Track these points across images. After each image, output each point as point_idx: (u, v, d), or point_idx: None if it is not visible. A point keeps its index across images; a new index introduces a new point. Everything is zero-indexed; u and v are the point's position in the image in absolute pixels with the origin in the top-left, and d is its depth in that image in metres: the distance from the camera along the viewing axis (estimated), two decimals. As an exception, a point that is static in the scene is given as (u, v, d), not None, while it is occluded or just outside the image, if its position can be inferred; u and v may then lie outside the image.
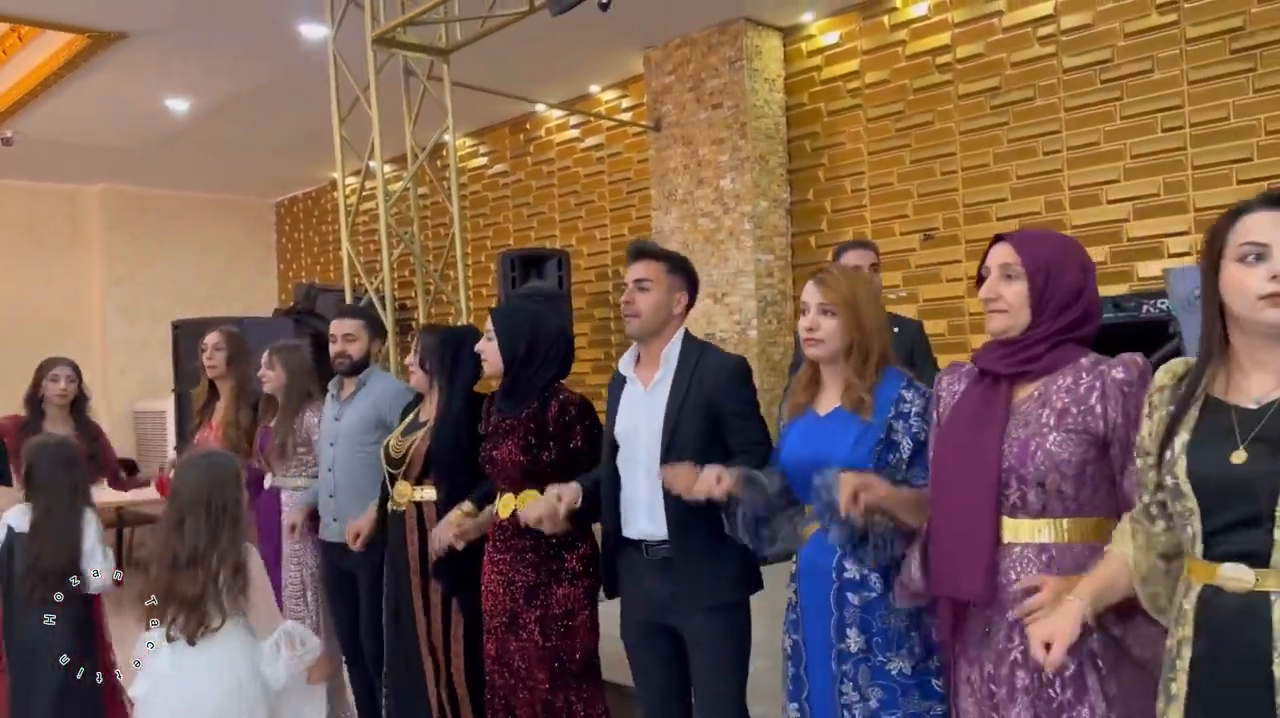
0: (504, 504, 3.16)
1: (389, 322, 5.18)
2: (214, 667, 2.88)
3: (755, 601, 2.87)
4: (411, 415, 3.67)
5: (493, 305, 8.14)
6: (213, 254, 11.21)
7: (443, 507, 3.39)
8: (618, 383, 3.01)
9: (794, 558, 2.54)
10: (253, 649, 2.93)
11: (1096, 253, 5.58)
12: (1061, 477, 1.96)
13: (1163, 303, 3.88)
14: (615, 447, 2.94)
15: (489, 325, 3.25)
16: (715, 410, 2.75)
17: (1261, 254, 1.59)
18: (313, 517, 3.94)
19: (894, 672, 2.32)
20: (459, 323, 5.59)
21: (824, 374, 2.52)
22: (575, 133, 8.45)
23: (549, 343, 3.25)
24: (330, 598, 3.95)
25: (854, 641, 2.36)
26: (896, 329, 4.15)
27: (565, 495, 2.93)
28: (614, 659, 3.27)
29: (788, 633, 2.52)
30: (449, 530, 3.27)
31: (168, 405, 7.91)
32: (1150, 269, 5.40)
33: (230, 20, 6.26)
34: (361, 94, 5.34)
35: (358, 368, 3.91)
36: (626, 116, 7.88)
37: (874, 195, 6.55)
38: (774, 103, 6.85)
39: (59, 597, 3.49)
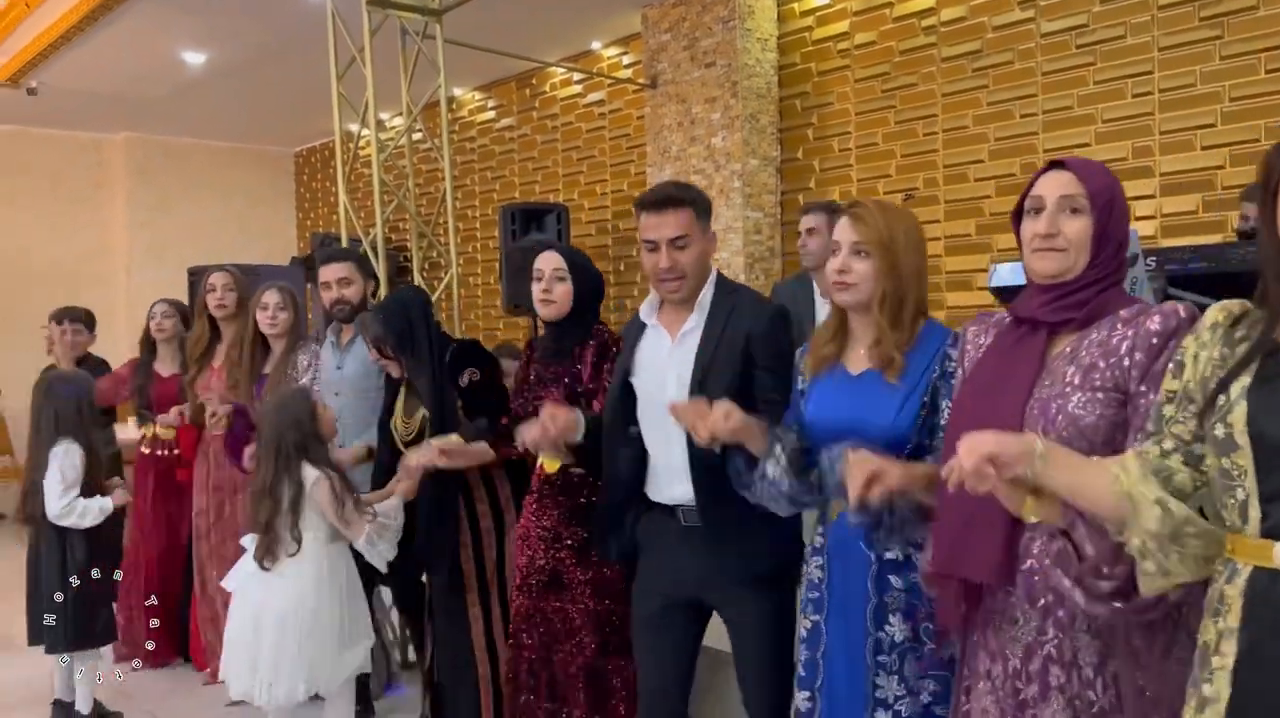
0: (550, 459, 3.04)
1: (381, 270, 5.44)
2: (285, 575, 3.28)
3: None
4: (402, 393, 3.61)
5: (496, 257, 8.39)
6: (234, 202, 11.49)
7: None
8: (636, 328, 2.75)
9: (817, 530, 2.32)
10: (326, 560, 3.32)
11: (1067, 215, 5.71)
12: (1089, 444, 1.67)
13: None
14: (628, 396, 2.71)
15: (557, 265, 3.07)
16: (748, 361, 2.51)
17: None
18: None
19: (945, 659, 2.09)
20: (446, 275, 5.85)
21: (853, 324, 2.24)
22: (578, 89, 8.61)
23: (601, 289, 3.32)
24: None
25: (897, 628, 2.12)
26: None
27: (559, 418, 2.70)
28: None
29: (804, 614, 2.29)
30: (428, 454, 3.18)
31: (185, 348, 8.38)
32: (1117, 231, 5.52)
33: (239, -24, 6.49)
34: (357, 54, 5.56)
35: (357, 313, 3.85)
36: (628, 74, 8.04)
37: (860, 155, 6.70)
38: (766, 62, 6.99)
39: (59, 597, 3.72)
